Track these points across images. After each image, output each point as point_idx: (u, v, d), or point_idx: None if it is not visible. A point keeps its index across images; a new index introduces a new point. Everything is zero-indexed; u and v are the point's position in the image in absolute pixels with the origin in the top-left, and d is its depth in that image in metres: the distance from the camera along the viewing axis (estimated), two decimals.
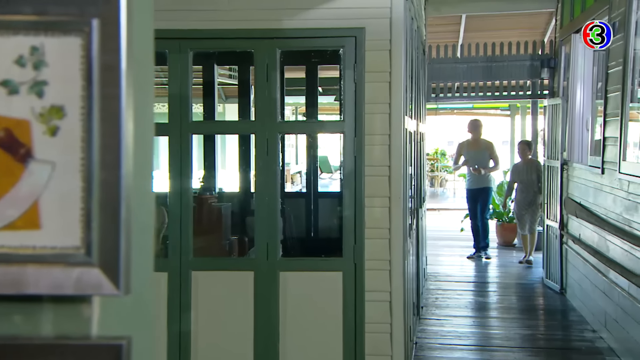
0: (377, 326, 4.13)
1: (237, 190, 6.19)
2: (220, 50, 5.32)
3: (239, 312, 4.13)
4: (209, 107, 6.27)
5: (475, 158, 9.26)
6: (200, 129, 4.55)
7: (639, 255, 4.73)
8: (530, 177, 8.97)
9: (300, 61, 6.61)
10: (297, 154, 22.33)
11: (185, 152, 4.12)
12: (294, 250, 5.97)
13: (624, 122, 5.22)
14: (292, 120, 6.12)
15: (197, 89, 7.06)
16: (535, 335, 6.17)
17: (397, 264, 4.16)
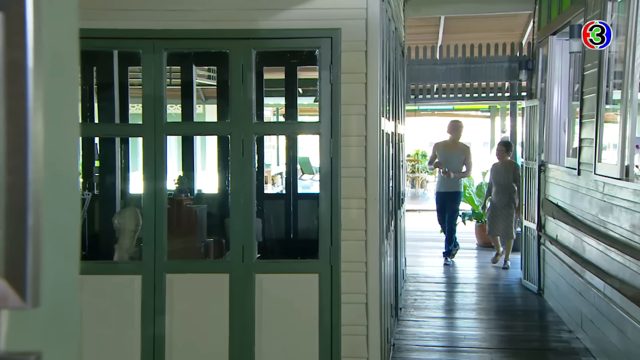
0: (353, 328, 4.12)
1: (216, 191, 6.15)
2: (197, 51, 5.28)
3: (214, 315, 4.09)
4: (187, 108, 6.22)
5: (448, 160, 9.06)
6: (175, 130, 4.51)
7: (613, 256, 4.77)
8: (507, 179, 8.80)
9: (280, 62, 6.59)
10: (279, 155, 22.29)
11: (160, 154, 4.07)
12: (274, 252, 5.93)
13: (599, 124, 5.26)
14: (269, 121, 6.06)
15: (176, 89, 7.03)
16: (513, 336, 6.19)
17: (374, 265, 4.15)
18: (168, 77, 10.47)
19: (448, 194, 9.12)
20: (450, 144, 9.19)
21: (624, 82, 4.65)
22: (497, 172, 8.93)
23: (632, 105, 4.60)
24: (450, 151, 9.10)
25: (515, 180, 8.78)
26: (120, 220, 4.30)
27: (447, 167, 9.01)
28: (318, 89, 4.14)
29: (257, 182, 6.61)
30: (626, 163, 4.60)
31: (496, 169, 9.01)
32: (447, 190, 9.10)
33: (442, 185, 9.16)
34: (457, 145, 9.17)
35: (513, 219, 8.85)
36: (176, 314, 4.08)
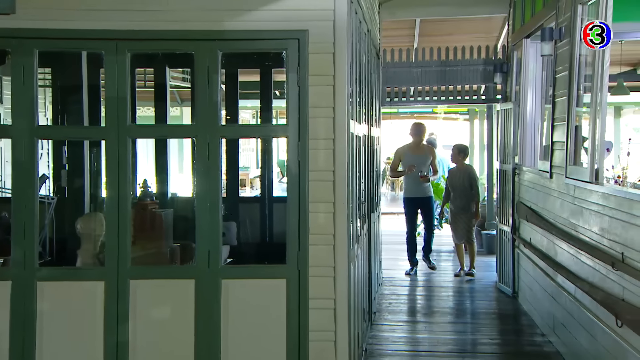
0: (321, 334, 4.06)
1: (191, 194, 6.07)
2: (167, 52, 5.20)
3: (179, 322, 4.01)
4: (160, 110, 6.13)
5: (417, 164, 8.59)
6: (139, 133, 4.42)
7: (583, 259, 4.76)
8: (463, 184, 8.53)
9: (255, 64, 6.52)
10: (258, 158, 22.20)
11: (123, 157, 3.98)
12: (248, 255, 5.86)
13: (570, 127, 5.25)
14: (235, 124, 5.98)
15: (150, 92, 6.93)
16: (486, 340, 6.16)
17: (342, 270, 4.09)
18: (142, 80, 10.37)
19: (421, 199, 8.68)
20: (415, 147, 8.76)
21: (593, 85, 4.65)
22: (454, 177, 8.67)
23: (601, 108, 4.59)
24: (418, 154, 8.70)
25: (472, 185, 8.56)
26: (83, 226, 4.21)
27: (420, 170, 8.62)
28: (285, 92, 4.08)
29: (232, 185, 6.64)
30: (596, 166, 4.59)
31: (452, 174, 8.75)
32: (420, 196, 8.66)
33: (413, 191, 8.69)
34: (422, 147, 8.82)
35: (473, 224, 8.66)
36: (140, 320, 4.00)
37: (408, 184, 8.81)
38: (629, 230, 3.84)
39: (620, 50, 9.50)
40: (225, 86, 6.61)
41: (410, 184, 8.73)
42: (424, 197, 8.69)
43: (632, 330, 3.73)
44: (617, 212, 4.04)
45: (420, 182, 8.56)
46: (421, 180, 8.55)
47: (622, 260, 3.91)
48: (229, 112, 6.35)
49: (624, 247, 3.93)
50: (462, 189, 8.57)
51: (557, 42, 5.80)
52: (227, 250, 5.45)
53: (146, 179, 4.66)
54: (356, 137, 5.09)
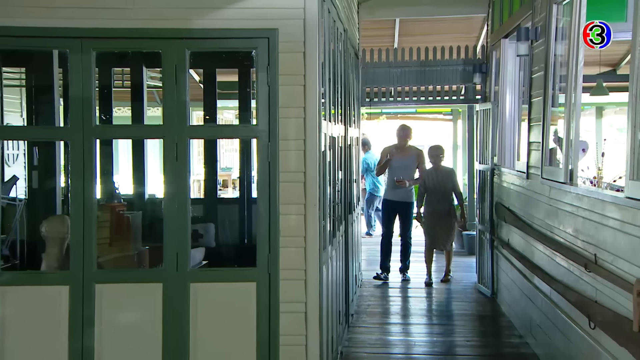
0: (291, 338, 3.99)
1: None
2: (144, 52, 5.08)
3: (146, 327, 3.92)
4: (137, 110, 6.02)
5: (401, 166, 8.26)
6: (105, 134, 4.33)
7: (559, 260, 4.72)
8: (442, 187, 8.09)
9: (233, 64, 6.43)
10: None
11: (89, 158, 3.88)
12: (227, 257, 5.77)
13: (546, 127, 5.22)
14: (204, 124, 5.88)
15: (127, 92, 6.81)
16: (463, 342, 6.12)
17: (313, 273, 4.03)
18: (120, 80, 10.20)
19: (400, 204, 8.28)
20: (401, 149, 8.40)
21: (568, 85, 4.61)
22: (431, 178, 8.16)
23: (575, 109, 4.56)
24: (403, 156, 8.33)
25: (455, 188, 8.21)
26: (48, 228, 4.10)
27: (400, 173, 8.23)
28: (255, 91, 4.01)
29: (210, 186, 6.54)
30: (570, 167, 4.55)
31: (430, 176, 8.21)
32: (399, 200, 8.27)
33: (393, 194, 8.31)
34: (409, 149, 8.43)
35: (454, 231, 8.29)
36: (106, 325, 3.90)
37: (387, 185, 8.55)
38: (602, 232, 3.81)
39: (599, 51, 9.51)
40: (203, 86, 6.52)
41: (389, 185, 8.46)
42: (403, 202, 8.29)
43: (604, 333, 3.69)
44: (590, 213, 4.01)
45: (396, 186, 8.22)
46: (397, 184, 8.20)
47: (595, 261, 3.88)
48: (207, 112, 6.27)
49: (596, 249, 3.89)
50: (442, 191, 8.12)
51: (533, 42, 5.78)
52: (203, 252, 5.37)
53: (114, 181, 4.56)
54: (330, 137, 5.03)
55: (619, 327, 3.42)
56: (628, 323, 3.28)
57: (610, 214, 3.64)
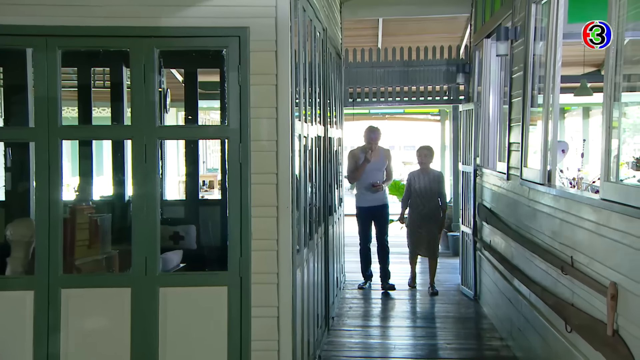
0: (263, 343, 3.90)
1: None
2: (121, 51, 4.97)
3: (114, 332, 3.82)
4: (117, 111, 5.90)
5: (372, 169, 7.80)
6: (71, 134, 4.22)
7: (537, 262, 4.66)
8: (428, 189, 7.73)
9: (215, 64, 6.33)
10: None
11: (55, 159, 3.78)
12: (210, 260, 5.67)
13: (525, 128, 5.17)
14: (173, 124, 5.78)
15: (107, 92, 6.70)
16: (444, 345, 6.06)
17: (286, 277, 3.94)
18: (101, 80, 10.06)
19: (376, 208, 7.85)
20: (372, 151, 7.89)
21: (545, 85, 4.56)
22: (417, 181, 7.80)
23: (553, 109, 4.50)
24: (374, 159, 7.86)
25: (441, 192, 7.82)
26: (13, 232, 3.99)
27: (374, 176, 7.81)
28: (226, 91, 3.92)
29: (192, 187, 6.44)
30: (548, 168, 4.50)
31: (415, 178, 7.86)
32: (375, 205, 7.84)
33: (367, 199, 7.85)
34: (378, 150, 7.93)
35: (439, 236, 7.93)
36: (72, 331, 3.80)
37: (361, 191, 7.94)
38: (578, 234, 3.75)
39: (584, 51, 9.48)
40: (184, 85, 6.42)
41: (363, 191, 7.90)
42: (379, 205, 7.87)
43: (580, 336, 3.63)
44: (567, 215, 3.95)
45: (372, 190, 7.81)
46: (374, 189, 7.80)
47: (572, 264, 3.82)
48: (189, 112, 6.17)
49: (573, 251, 3.83)
50: (428, 195, 7.74)
51: (513, 41, 5.73)
52: (180, 255, 5.27)
53: (82, 182, 4.46)
54: (308, 138, 4.95)
55: (594, 331, 3.36)
56: (603, 326, 3.22)
57: (586, 215, 3.58)
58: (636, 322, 2.92)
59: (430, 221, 7.80)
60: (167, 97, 9.54)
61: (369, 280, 8.13)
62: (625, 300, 3.02)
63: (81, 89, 5.93)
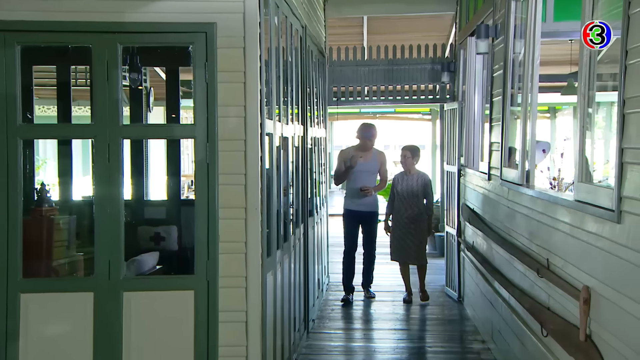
0: (231, 349, 3.79)
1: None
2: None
3: (76, 339, 3.70)
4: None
5: (363, 171, 7.20)
6: (30, 134, 4.09)
7: (516, 264, 4.56)
8: (411, 193, 7.18)
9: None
10: None
11: (13, 159, 3.65)
12: (189, 261, 5.55)
13: (505, 127, 5.07)
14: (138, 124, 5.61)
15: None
16: (425, 348, 5.96)
17: (254, 280, 3.83)
18: (83, 78, 9.94)
19: (364, 215, 7.26)
20: (361, 152, 7.28)
21: (524, 84, 4.46)
22: (401, 183, 7.27)
23: (532, 108, 4.40)
24: (365, 160, 7.23)
25: (427, 194, 7.24)
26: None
27: (364, 179, 7.23)
28: (193, 89, 3.80)
29: (173, 188, 6.31)
30: (527, 168, 4.40)
31: (399, 180, 7.31)
32: (363, 210, 7.25)
33: (356, 203, 7.25)
34: (371, 152, 7.31)
35: (425, 242, 7.33)
36: (32, 338, 3.68)
37: (349, 193, 7.34)
38: (553, 236, 3.65)
39: (570, 50, 9.40)
40: (165, 84, 6.30)
41: (351, 194, 7.30)
42: (367, 211, 7.26)
43: (555, 341, 3.53)
44: (543, 216, 3.85)
45: (360, 194, 7.21)
46: (362, 193, 7.19)
47: (547, 266, 3.71)
48: (172, 111, 6.06)
49: (549, 253, 3.73)
50: (412, 198, 7.18)
51: (494, 39, 5.62)
52: (156, 257, 5.15)
53: (44, 183, 4.33)
54: (282, 137, 4.83)
55: (568, 335, 3.26)
56: (577, 331, 3.12)
57: (561, 217, 3.48)
58: (609, 327, 2.81)
59: (415, 227, 7.20)
60: (151, 95, 9.43)
61: (351, 292, 7.43)
62: (597, 304, 2.92)
63: (60, 86, 5.78)
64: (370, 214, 7.32)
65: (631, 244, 2.52)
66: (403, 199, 7.25)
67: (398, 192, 7.30)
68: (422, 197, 7.27)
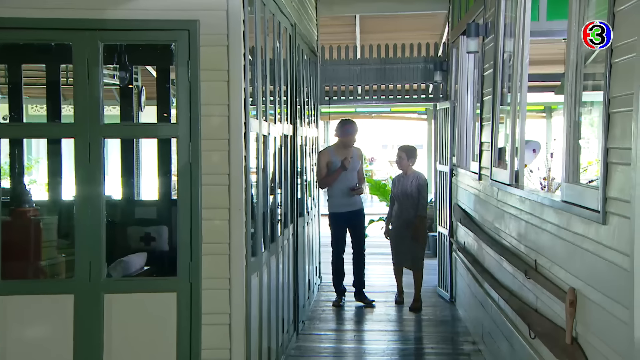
0: (214, 352, 3.73)
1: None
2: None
3: (56, 342, 3.64)
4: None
5: (350, 169, 6.97)
6: (6, 133, 4.02)
7: (505, 265, 4.51)
8: (406, 195, 6.89)
9: None
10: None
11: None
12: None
13: (495, 127, 5.01)
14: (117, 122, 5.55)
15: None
16: (415, 349, 5.90)
17: (238, 282, 3.76)
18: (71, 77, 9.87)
19: (352, 214, 7.00)
20: (342, 150, 7.02)
21: (513, 83, 4.40)
22: (398, 185, 7.01)
23: (521, 107, 4.34)
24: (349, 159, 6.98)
25: (421, 196, 6.89)
26: None
27: (351, 179, 7.01)
28: (175, 87, 3.74)
29: (165, 188, 6.25)
30: (516, 168, 4.34)
31: (397, 182, 7.07)
32: (350, 210, 7.00)
33: (343, 204, 6.97)
34: (350, 150, 7.04)
35: (422, 246, 7.02)
36: (11, 341, 3.61)
37: (334, 196, 7.04)
38: (541, 236, 3.59)
39: (564, 49, 9.35)
40: (156, 83, 6.24)
41: (337, 196, 7.01)
42: (354, 210, 7.03)
43: (542, 343, 3.47)
44: (532, 217, 3.80)
45: (350, 194, 6.98)
46: (352, 193, 6.97)
47: (535, 268, 3.66)
48: (163, 110, 5.99)
49: (537, 254, 3.68)
50: (410, 200, 6.88)
51: (484, 38, 5.57)
52: (144, 258, 5.09)
53: (24, 183, 4.26)
54: (270, 137, 4.77)
55: (555, 338, 3.20)
56: (564, 334, 3.06)
57: (548, 217, 3.42)
58: (595, 331, 2.76)
59: (409, 227, 6.90)
60: (142, 94, 9.35)
61: (342, 295, 7.23)
62: (584, 307, 2.86)
63: (49, 85, 5.70)
64: (358, 211, 7.12)
65: (616, 246, 2.46)
66: (399, 202, 7.01)
67: (395, 195, 7.07)
68: (418, 199, 6.92)
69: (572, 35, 3.13)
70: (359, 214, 7.13)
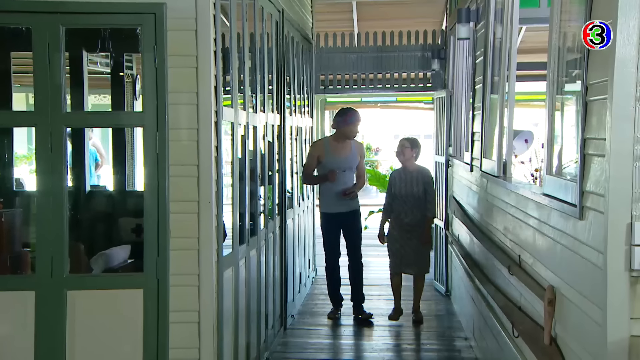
0: (182, 352, 3.58)
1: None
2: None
3: (16, 341, 3.50)
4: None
5: (340, 167, 6.07)
6: None
7: (493, 260, 4.31)
8: (410, 192, 6.02)
9: None
10: None
11: None
12: None
13: (485, 116, 4.81)
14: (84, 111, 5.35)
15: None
16: (405, 345, 5.73)
17: (208, 278, 3.60)
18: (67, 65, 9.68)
19: (345, 215, 6.12)
20: (340, 144, 6.11)
21: (501, 71, 4.20)
22: (399, 182, 6.10)
23: (509, 96, 4.14)
24: (344, 155, 6.10)
25: (427, 194, 6.04)
26: None
27: (345, 177, 6.10)
28: (141, 74, 3.56)
29: None
30: (504, 159, 4.14)
31: (397, 179, 6.16)
32: (344, 211, 6.11)
33: (334, 204, 6.09)
34: (349, 144, 6.14)
35: (427, 250, 6.24)
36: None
37: (326, 195, 6.16)
38: (525, 231, 3.40)
39: None
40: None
41: (329, 195, 6.13)
42: (348, 211, 6.13)
43: (524, 342, 3.29)
44: (517, 210, 3.61)
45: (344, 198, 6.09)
46: (344, 197, 6.07)
47: (519, 263, 3.47)
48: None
49: (521, 250, 3.49)
50: (414, 199, 6.00)
51: (476, 24, 5.35)
52: (128, 250, 4.94)
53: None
54: (249, 126, 4.60)
55: (536, 338, 3.02)
56: (542, 333, 2.88)
57: (531, 211, 3.24)
58: (572, 331, 2.57)
59: (413, 229, 6.01)
60: (137, 83, 9.16)
61: (339, 306, 6.43)
62: (561, 306, 2.67)
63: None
64: (354, 212, 6.19)
65: (592, 242, 2.27)
66: (402, 202, 6.07)
67: (396, 194, 6.12)
68: (424, 198, 6.03)
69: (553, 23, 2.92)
70: (354, 215, 6.19)
